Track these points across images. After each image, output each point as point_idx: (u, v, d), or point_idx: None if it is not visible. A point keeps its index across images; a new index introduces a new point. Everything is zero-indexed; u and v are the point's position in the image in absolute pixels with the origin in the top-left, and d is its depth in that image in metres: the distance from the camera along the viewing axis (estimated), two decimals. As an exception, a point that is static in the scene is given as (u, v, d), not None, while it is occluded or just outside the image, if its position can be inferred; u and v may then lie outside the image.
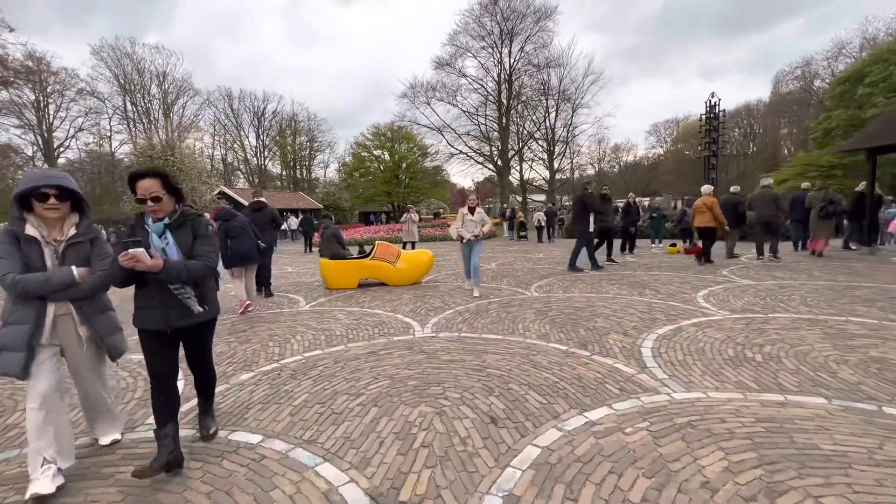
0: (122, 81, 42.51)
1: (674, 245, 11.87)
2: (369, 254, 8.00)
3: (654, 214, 13.79)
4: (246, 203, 29.16)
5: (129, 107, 43.66)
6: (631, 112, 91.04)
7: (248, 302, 6.17)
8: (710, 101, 20.73)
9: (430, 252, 8.36)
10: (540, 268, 9.59)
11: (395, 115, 35.23)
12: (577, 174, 54.47)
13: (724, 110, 20.61)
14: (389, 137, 49.39)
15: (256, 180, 54.44)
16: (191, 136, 40.14)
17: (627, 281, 7.41)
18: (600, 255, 9.52)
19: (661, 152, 67.12)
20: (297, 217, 25.57)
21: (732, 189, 10.15)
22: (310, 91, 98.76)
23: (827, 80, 42.56)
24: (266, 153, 57.17)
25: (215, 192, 28.39)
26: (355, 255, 8.32)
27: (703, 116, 21.12)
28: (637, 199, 11.54)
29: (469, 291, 6.85)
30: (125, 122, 43.47)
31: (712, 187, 9.47)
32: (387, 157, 49.75)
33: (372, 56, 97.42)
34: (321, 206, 37.31)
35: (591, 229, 8.56)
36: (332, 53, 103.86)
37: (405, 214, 13.32)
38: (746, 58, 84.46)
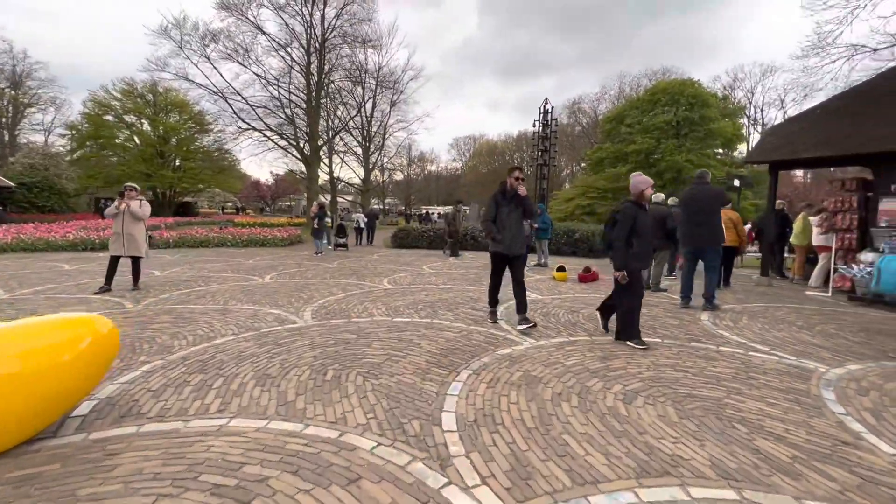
0: None
1: (562, 269, 8.60)
2: None
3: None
4: None
5: None
6: (434, 126, 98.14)
7: None
8: (543, 106, 19.48)
9: (86, 324, 2.49)
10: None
11: (153, 62, 24.73)
12: (387, 175, 51.81)
13: (556, 119, 19.60)
14: (150, 102, 36.63)
15: None
16: None
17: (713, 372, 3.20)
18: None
19: (460, 166, 71.55)
20: None
21: (657, 198, 7.30)
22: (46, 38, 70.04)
23: (589, 117, 51.89)
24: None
25: None
26: None
27: (537, 122, 19.75)
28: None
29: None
30: None
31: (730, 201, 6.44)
32: (147, 126, 36.66)
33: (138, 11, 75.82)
34: (11, 185, 23.72)
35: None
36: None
37: (115, 201, 6.58)
38: (517, 98, 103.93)
